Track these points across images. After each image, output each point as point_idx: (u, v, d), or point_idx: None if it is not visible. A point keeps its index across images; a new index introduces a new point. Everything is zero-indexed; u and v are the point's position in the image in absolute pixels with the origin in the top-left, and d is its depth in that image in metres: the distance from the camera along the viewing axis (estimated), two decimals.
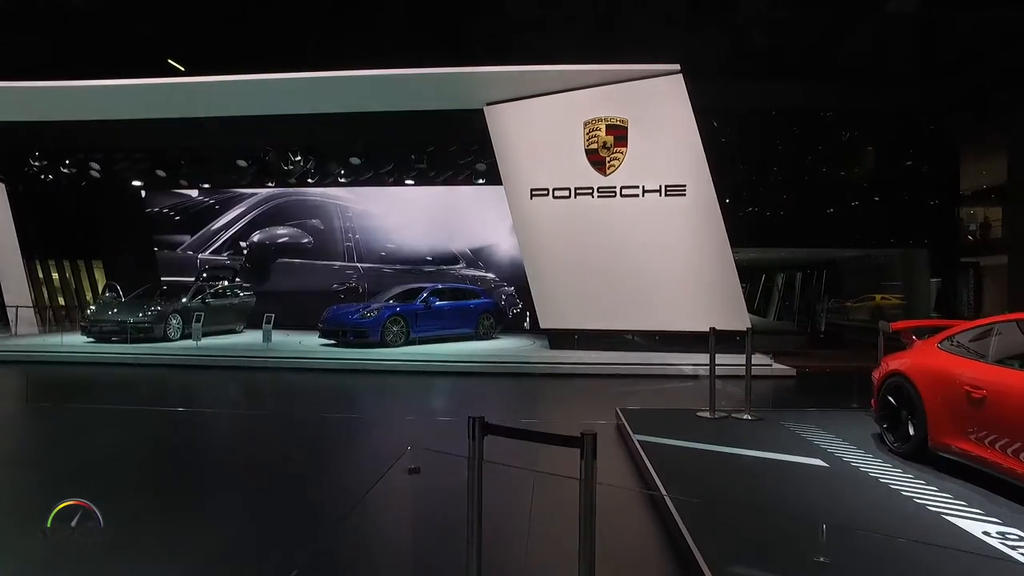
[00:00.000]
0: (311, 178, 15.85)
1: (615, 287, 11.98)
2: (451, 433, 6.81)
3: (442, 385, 10.40)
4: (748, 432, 5.99)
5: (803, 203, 14.91)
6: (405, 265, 17.26)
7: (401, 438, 6.63)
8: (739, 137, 13.32)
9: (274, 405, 8.92)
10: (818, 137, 13.95)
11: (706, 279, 11.77)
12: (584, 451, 2.26)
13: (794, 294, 19.12)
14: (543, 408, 9.04)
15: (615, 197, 12.09)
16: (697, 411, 6.82)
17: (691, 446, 5.41)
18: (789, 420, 6.40)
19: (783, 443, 5.46)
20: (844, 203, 14.77)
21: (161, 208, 18.23)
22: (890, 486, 4.27)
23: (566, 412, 8.35)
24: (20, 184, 17.21)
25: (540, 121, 12.31)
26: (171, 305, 13.62)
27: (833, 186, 14.31)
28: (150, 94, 12.43)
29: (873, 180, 14.29)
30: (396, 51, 12.16)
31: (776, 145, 13.78)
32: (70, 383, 10.34)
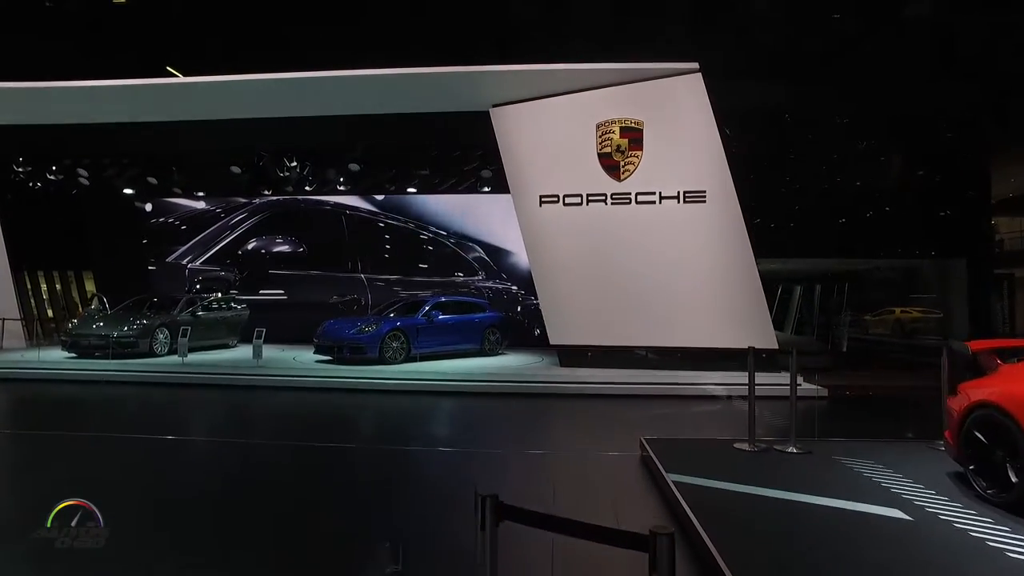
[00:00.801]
0: (308, 185, 15.11)
1: (630, 300, 11.19)
2: (451, 475, 5.99)
3: (443, 407, 9.58)
4: (799, 470, 5.16)
5: (825, 211, 14.13)
6: (417, 277, 16.33)
7: (383, 486, 5.81)
8: (759, 141, 12.54)
9: (250, 430, 8.11)
10: (841, 142, 13.17)
11: (728, 292, 10.96)
12: (657, 559, 1.45)
13: (812, 307, 18.27)
14: (555, 435, 8.21)
15: (630, 204, 11.31)
16: (734, 442, 5.99)
17: (738, 489, 4.58)
18: (842, 454, 5.56)
19: (846, 486, 4.63)
20: (868, 211, 13.98)
21: (156, 217, 17.50)
22: (1007, 553, 3.43)
23: (581, 440, 7.52)
24: (7, 192, 16.65)
25: (550, 124, 11.57)
26: (158, 318, 12.85)
27: (857, 193, 13.52)
28: (136, 95, 11.74)
29: (899, 187, 13.49)
30: (396, 49, 11.45)
31: (799, 149, 12.99)
32: (32, 404, 9.58)
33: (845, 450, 5.68)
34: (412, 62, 11.04)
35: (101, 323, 12.65)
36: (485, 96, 11.61)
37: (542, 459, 6.54)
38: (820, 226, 14.14)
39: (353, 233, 16.62)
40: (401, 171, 14.50)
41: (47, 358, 12.10)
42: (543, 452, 6.86)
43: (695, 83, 10.96)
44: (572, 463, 6.24)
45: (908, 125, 13.24)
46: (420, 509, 4.78)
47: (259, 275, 16.78)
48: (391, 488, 5.32)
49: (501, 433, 7.97)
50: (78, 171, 15.16)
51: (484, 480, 5.65)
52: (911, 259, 15.30)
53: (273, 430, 8.14)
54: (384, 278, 16.45)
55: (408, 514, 4.63)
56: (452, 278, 16.33)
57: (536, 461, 6.47)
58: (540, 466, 6.23)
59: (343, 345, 11.59)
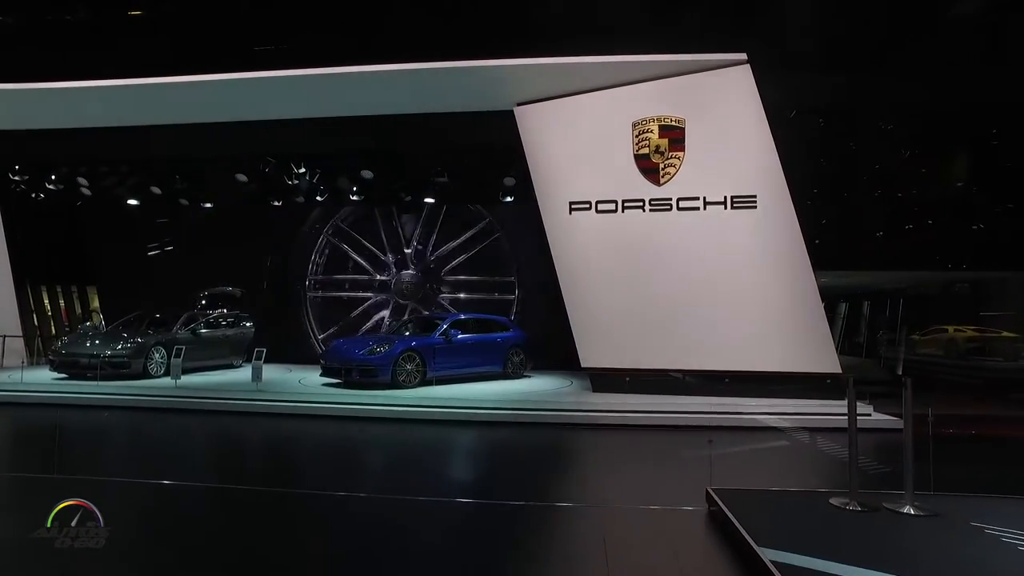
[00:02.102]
0: (319, 194, 14.11)
1: (671, 319, 9.99)
2: (476, 534, 4.81)
3: (463, 440, 8.41)
4: (935, 544, 3.91)
5: (880, 218, 12.85)
6: (450, 292, 15.09)
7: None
8: (816, 140, 11.32)
9: (229, 469, 6.99)
10: (908, 141, 11.90)
11: (784, 309, 9.73)
12: None
13: (861, 325, 16.88)
14: (597, 479, 6.96)
15: (671, 210, 10.16)
16: (828, 495, 4.74)
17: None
18: (980, 516, 4.30)
19: (1013, 573, 3.39)
20: (932, 219, 12.66)
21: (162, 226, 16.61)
22: None
23: (630, 485, 6.29)
24: (10, 203, 15.96)
25: (580, 123, 10.49)
26: (154, 337, 11.86)
27: (920, 199, 12.22)
28: (133, 96, 10.86)
29: (971, 191, 12.17)
30: (408, 43, 10.43)
31: (859, 150, 11.74)
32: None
33: (983, 512, 4.42)
34: (426, 56, 10.03)
35: (94, 341, 11.68)
36: (508, 93, 10.56)
37: (584, 514, 5.34)
38: (872, 235, 12.84)
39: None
40: (416, 178, 13.43)
41: (32, 379, 11.13)
42: (585, 505, 5.65)
43: (742, 76, 9.86)
44: (624, 521, 5.02)
45: (983, 122, 11.95)
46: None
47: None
48: (403, 557, 4.16)
49: (532, 475, 6.78)
50: (78, 180, 14.32)
51: (516, 542, 4.48)
52: (986, 271, 13.90)
53: (257, 470, 7.03)
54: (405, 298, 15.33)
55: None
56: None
57: (577, 517, 5.28)
58: (583, 524, 5.03)
59: (352, 367, 10.48)
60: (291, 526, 4.86)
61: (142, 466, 6.81)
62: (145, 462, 7.10)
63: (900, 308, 15.06)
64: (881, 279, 15.56)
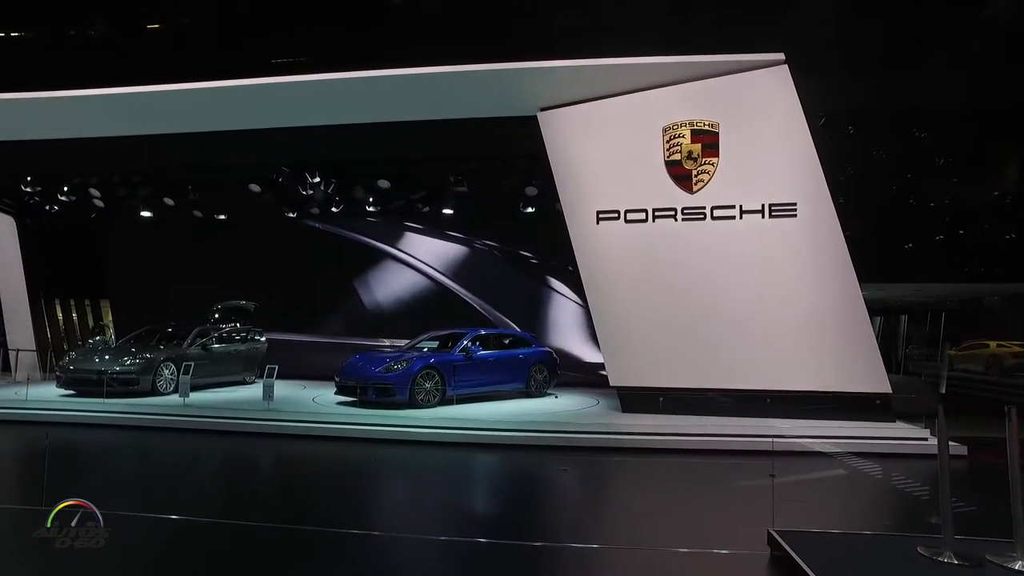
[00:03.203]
0: (335, 205, 13.70)
1: (707, 334, 9.39)
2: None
3: (485, 465, 7.86)
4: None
5: (923, 227, 12.17)
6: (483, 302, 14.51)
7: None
8: (859, 144, 10.71)
9: (229, 499, 6.47)
10: (957, 145, 11.23)
11: (828, 324, 9.09)
12: None
13: (899, 340, 16.11)
14: (637, 514, 6.36)
15: (704, 220, 9.58)
16: (915, 542, 4.09)
17: None
18: None
19: None
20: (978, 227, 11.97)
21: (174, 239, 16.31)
22: None
23: (675, 521, 5.68)
24: (27, 217, 15.79)
25: (608, 128, 9.95)
26: (163, 352, 11.43)
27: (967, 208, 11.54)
28: (145, 105, 10.52)
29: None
30: (427, 45, 10.00)
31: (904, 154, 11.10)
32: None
33: None
34: (447, 60, 9.59)
35: (102, 357, 11.29)
36: (532, 98, 10.05)
37: (621, 558, 4.74)
38: (917, 245, 12.15)
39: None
40: (436, 188, 12.98)
41: (37, 395, 10.73)
42: (621, 546, 5.05)
43: (780, 77, 9.28)
44: (670, 568, 4.43)
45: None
46: None
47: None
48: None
49: (563, 508, 6.19)
50: (91, 191, 14.05)
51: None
52: (1013, 284, 13.14)
53: (260, 501, 6.50)
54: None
55: None
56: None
57: (612, 561, 4.68)
58: (620, 571, 4.44)
59: (368, 385, 9.96)
60: (294, 570, 4.32)
61: (133, 496, 6.32)
62: (138, 491, 6.61)
63: (942, 322, 14.28)
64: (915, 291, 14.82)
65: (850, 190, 10.80)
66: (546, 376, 11.59)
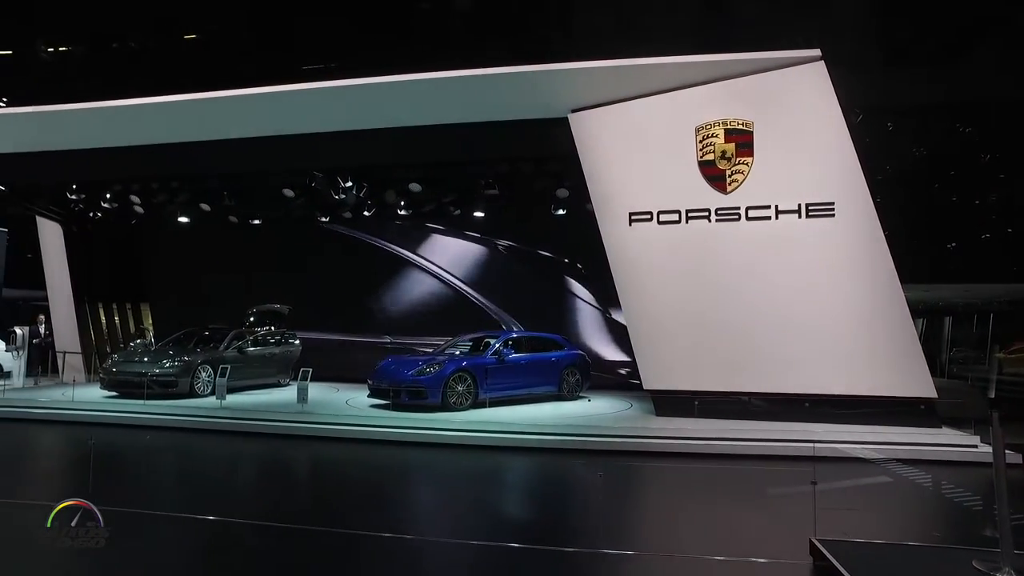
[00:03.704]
0: (367, 209, 13.80)
1: (742, 337, 9.23)
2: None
3: (519, 469, 7.82)
4: None
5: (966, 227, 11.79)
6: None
7: None
8: (897, 141, 10.41)
9: (260, 500, 6.53)
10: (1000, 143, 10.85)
11: (868, 326, 8.85)
12: None
13: (943, 343, 15.62)
14: (670, 521, 6.26)
15: (739, 220, 9.41)
16: (969, 554, 3.93)
17: None
18: None
19: None
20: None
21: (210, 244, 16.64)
22: None
23: (711, 531, 5.57)
24: (73, 224, 16.25)
25: (640, 129, 9.85)
26: (200, 355, 11.65)
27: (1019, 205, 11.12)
28: (180, 112, 10.76)
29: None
30: (458, 49, 10.02)
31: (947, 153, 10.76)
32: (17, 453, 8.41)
33: None
34: (477, 63, 9.60)
35: (142, 359, 11.55)
36: (562, 99, 10.00)
37: (658, 566, 4.66)
38: (961, 244, 11.77)
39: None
40: (467, 191, 12.98)
41: (82, 397, 11.05)
42: (657, 553, 4.97)
43: (817, 74, 9.07)
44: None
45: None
46: None
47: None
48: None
49: (598, 513, 6.12)
50: (131, 198, 14.38)
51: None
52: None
53: (293, 503, 6.55)
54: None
55: None
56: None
57: (649, 569, 4.61)
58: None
59: (400, 388, 10.01)
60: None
61: (166, 496, 6.43)
62: (172, 492, 6.73)
63: (990, 324, 13.81)
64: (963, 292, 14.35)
65: (890, 188, 10.53)
66: (579, 379, 11.50)
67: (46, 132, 11.82)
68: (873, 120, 9.77)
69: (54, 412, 10.36)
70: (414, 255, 15.51)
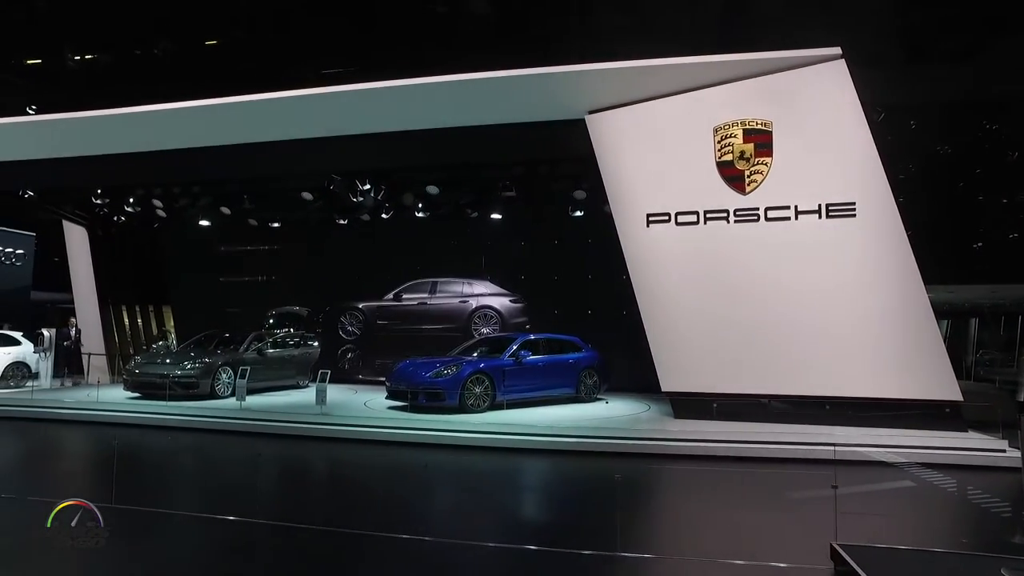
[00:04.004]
0: (384, 212, 13.88)
1: (761, 339, 9.14)
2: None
3: (536, 471, 7.80)
4: None
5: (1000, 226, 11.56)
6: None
7: None
8: (920, 140, 10.23)
9: (274, 501, 6.57)
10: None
11: (890, 327, 8.72)
12: None
13: (969, 345, 15.33)
14: (690, 524, 6.22)
15: (758, 221, 9.33)
16: (997, 561, 3.85)
17: None
18: None
19: None
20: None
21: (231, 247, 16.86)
22: None
23: (733, 536, 5.51)
24: (97, 228, 16.55)
25: (657, 129, 9.80)
26: (221, 357, 11.79)
27: None
28: (200, 118, 10.91)
29: None
30: (475, 52, 10.02)
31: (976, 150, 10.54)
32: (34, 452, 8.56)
33: None
34: (493, 65, 9.61)
35: (164, 361, 11.72)
36: (579, 101, 9.98)
37: (678, 570, 4.62)
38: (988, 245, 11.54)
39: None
40: (484, 193, 13.01)
41: (107, 398, 11.24)
42: (677, 556, 4.93)
43: (837, 72, 8.96)
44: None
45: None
46: None
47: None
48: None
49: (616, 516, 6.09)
50: (153, 202, 14.61)
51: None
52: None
53: (312, 503, 6.59)
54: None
55: None
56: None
57: (674, 572, 4.57)
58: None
59: (418, 390, 10.04)
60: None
61: (184, 496, 6.51)
62: (190, 492, 6.81)
63: (1019, 326, 13.52)
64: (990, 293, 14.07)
65: (913, 187, 10.34)
66: (596, 381, 11.46)
67: (72, 138, 12.05)
68: (896, 118, 9.61)
69: (79, 413, 10.56)
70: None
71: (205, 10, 11.91)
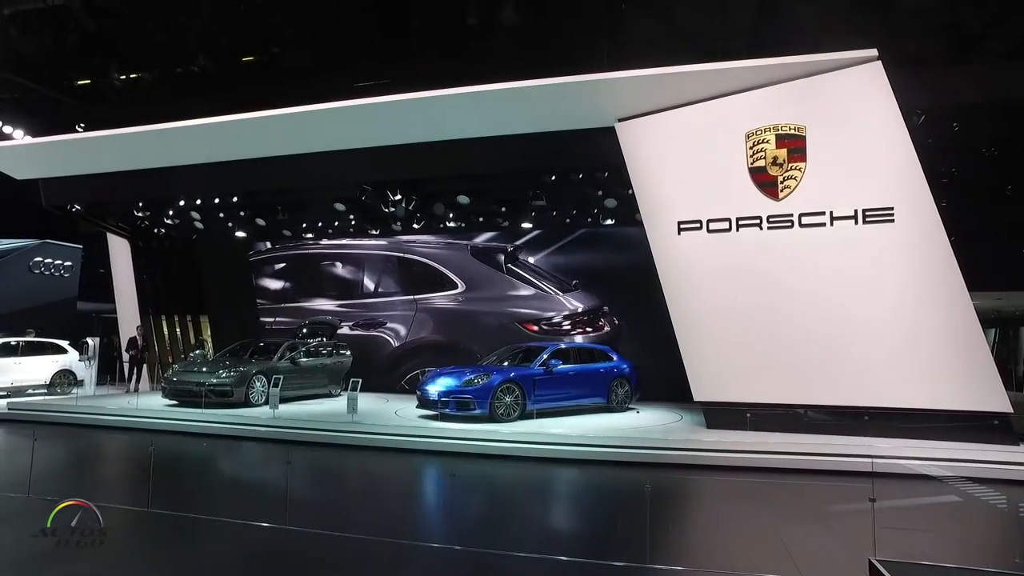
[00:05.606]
0: (416, 222, 13.99)
1: (797, 348, 8.94)
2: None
3: (568, 481, 7.72)
4: None
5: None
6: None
7: None
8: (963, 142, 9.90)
9: (302, 513, 6.61)
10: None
11: (932, 335, 8.44)
12: None
13: (1019, 354, 14.73)
14: (724, 537, 6.08)
15: (792, 228, 9.14)
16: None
17: None
18: None
19: None
20: None
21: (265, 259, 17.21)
22: None
23: (767, 550, 5.37)
24: (139, 239, 17.03)
25: (688, 136, 9.69)
26: (255, 365, 11.98)
27: None
28: (237, 132, 11.18)
29: None
30: (505, 62, 10.07)
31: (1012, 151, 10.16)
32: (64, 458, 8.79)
33: None
34: (523, 75, 9.64)
35: (200, 369, 11.98)
36: (609, 109, 9.93)
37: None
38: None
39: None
40: (515, 203, 13.02)
41: (146, 405, 11.54)
42: (712, 570, 4.81)
43: (874, 75, 8.75)
44: None
45: None
46: None
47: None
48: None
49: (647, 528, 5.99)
50: (191, 214, 14.98)
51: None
52: None
53: (342, 511, 6.62)
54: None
55: None
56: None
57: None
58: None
59: (448, 399, 10.06)
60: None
61: (216, 501, 6.59)
62: (222, 497, 6.90)
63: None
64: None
65: (956, 192, 10.03)
66: (628, 391, 11.33)
67: (116, 153, 12.45)
68: (936, 120, 9.34)
69: (120, 419, 10.87)
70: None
71: (241, 29, 12.23)
